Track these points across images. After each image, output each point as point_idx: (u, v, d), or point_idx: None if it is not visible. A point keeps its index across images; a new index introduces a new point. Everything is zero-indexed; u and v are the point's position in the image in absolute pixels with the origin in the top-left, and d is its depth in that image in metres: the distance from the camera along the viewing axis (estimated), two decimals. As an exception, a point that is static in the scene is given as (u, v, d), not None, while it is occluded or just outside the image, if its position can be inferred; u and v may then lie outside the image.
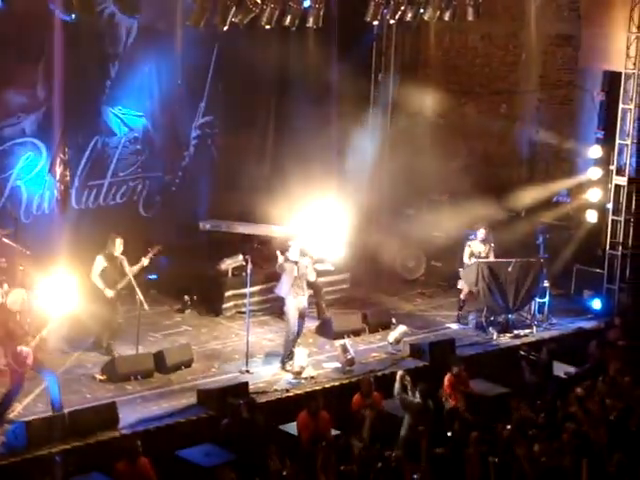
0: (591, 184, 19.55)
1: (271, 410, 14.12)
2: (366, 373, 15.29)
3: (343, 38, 19.63)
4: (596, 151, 19.65)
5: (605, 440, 12.36)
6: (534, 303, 17.91)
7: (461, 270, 17.88)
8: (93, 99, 18.05)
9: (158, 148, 19.08)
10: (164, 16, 17.79)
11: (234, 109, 19.43)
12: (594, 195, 19.46)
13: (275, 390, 14.83)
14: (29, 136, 17.39)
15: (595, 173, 19.49)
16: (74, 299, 13.44)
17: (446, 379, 14.94)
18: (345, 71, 19.80)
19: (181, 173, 19.45)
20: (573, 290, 19.35)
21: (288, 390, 14.87)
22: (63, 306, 13.29)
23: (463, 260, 17.79)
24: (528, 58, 20.99)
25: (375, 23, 19.44)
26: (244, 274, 16.50)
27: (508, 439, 12.24)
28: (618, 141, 18.81)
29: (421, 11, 18.81)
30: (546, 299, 17.98)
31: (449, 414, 14.26)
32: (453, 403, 14.69)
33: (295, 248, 15.70)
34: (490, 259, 17.72)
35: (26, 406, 13.62)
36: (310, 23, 17.61)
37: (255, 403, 13.68)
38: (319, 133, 19.90)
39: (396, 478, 11.45)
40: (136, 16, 17.95)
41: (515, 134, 21.41)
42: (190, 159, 19.56)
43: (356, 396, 14.23)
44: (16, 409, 13.47)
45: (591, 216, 19.48)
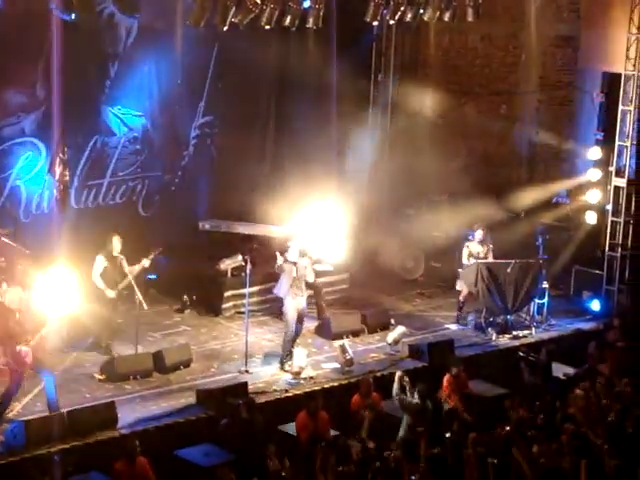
0: (590, 185, 19.53)
1: (270, 410, 14.12)
2: (365, 374, 15.28)
3: (343, 38, 19.59)
4: (595, 152, 19.64)
5: (603, 441, 12.36)
6: (533, 304, 17.90)
7: (460, 271, 17.88)
8: (93, 99, 18.04)
9: (158, 148, 19.07)
10: (164, 16, 17.78)
11: (234, 109, 19.42)
12: (593, 196, 19.44)
13: (274, 390, 14.83)
14: (28, 136, 17.38)
15: (594, 174, 19.48)
16: (74, 299, 13.44)
17: (445, 380, 14.93)
18: (345, 71, 19.78)
19: (180, 173, 19.44)
20: (572, 291, 19.35)
21: (287, 390, 14.87)
22: (63, 306, 13.29)
23: (462, 261, 17.80)
24: (528, 59, 20.98)
25: (375, 23, 19.46)
26: (243, 274, 16.50)
27: (507, 440, 12.23)
28: (617, 142, 18.80)
29: (421, 11, 18.83)
30: (545, 300, 17.98)
31: (448, 415, 14.26)
32: (452, 404, 14.69)
33: (294, 249, 15.69)
34: (489, 260, 17.73)
35: (25, 405, 13.63)
36: (310, 23, 17.64)
37: (254, 403, 13.68)
38: (319, 133, 19.90)
39: (394, 479, 11.45)
40: (136, 16, 17.94)
41: (515, 135, 21.40)
42: (190, 159, 19.55)
43: (355, 396, 14.23)
44: (15, 408, 13.47)
45: (590, 217, 19.46)
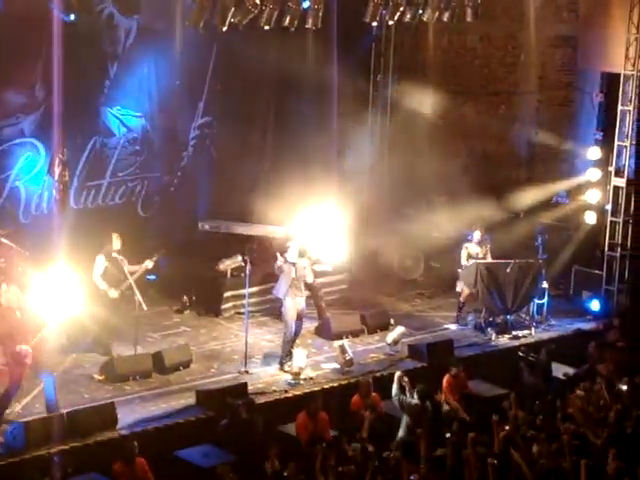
0: (590, 185, 19.52)
1: (270, 411, 14.11)
2: (365, 374, 15.27)
3: (342, 39, 19.59)
4: (595, 152, 19.63)
5: (603, 441, 12.36)
6: (533, 304, 17.91)
7: (460, 271, 17.88)
8: (92, 99, 18.05)
9: (157, 148, 19.08)
10: (163, 17, 17.76)
11: (233, 109, 19.42)
12: (593, 196, 19.44)
13: (274, 391, 14.82)
14: (28, 136, 17.39)
15: (594, 174, 19.47)
16: (76, 300, 13.43)
17: (444, 380, 14.94)
18: (344, 71, 19.78)
19: (180, 173, 19.45)
20: (572, 291, 19.36)
21: (287, 391, 14.87)
22: (63, 306, 13.27)
23: (460, 262, 17.79)
24: (527, 59, 20.96)
25: (374, 24, 19.51)
26: (243, 275, 16.50)
27: (506, 440, 12.22)
28: (617, 142, 18.80)
29: (420, 12, 18.86)
30: (545, 300, 17.99)
31: (447, 415, 14.27)
32: (451, 404, 14.70)
33: (294, 249, 15.69)
34: (488, 260, 17.73)
35: (25, 406, 13.62)
36: (309, 24, 17.66)
37: (254, 404, 13.68)
38: (318, 133, 19.90)
39: (394, 479, 11.44)
40: (135, 16, 17.95)
41: (514, 135, 21.38)
42: (189, 159, 19.56)
43: (355, 397, 14.21)
44: (15, 409, 13.46)
45: (590, 217, 19.45)
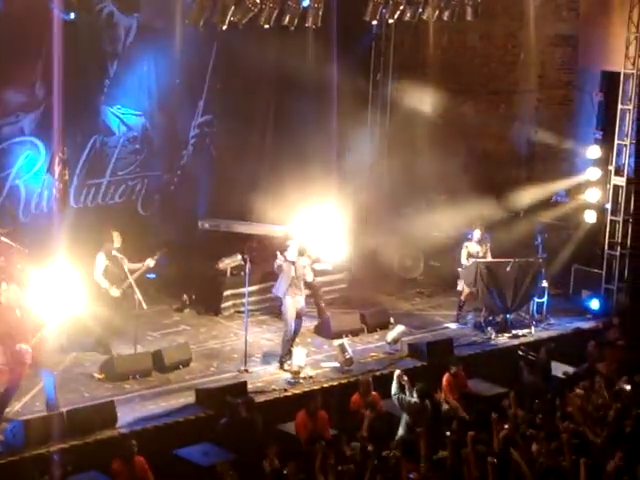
0: (590, 184, 19.52)
1: (269, 410, 14.10)
2: (365, 373, 15.28)
3: (342, 37, 19.59)
4: (595, 151, 19.63)
5: (603, 440, 12.37)
6: (532, 303, 17.92)
7: (460, 270, 17.88)
8: (92, 98, 18.04)
9: (157, 147, 19.07)
10: (163, 15, 17.75)
11: (233, 108, 19.42)
12: (593, 195, 19.44)
13: (273, 390, 14.81)
14: (28, 135, 17.38)
15: (594, 173, 19.47)
16: (77, 299, 13.43)
17: (444, 379, 14.95)
18: (344, 70, 19.78)
19: (180, 172, 19.44)
20: (572, 290, 19.36)
21: (286, 390, 14.86)
22: (64, 305, 13.27)
23: (460, 261, 17.80)
24: (527, 58, 20.95)
25: (374, 23, 19.50)
26: (243, 273, 16.49)
27: (505, 439, 12.23)
28: (617, 141, 18.79)
29: (420, 11, 18.85)
30: (544, 299, 17.99)
31: (447, 414, 14.28)
32: (451, 403, 14.71)
33: (293, 248, 15.69)
34: (487, 259, 17.73)
35: (24, 405, 13.62)
36: (309, 22, 17.66)
37: (253, 402, 13.68)
38: (318, 132, 19.89)
39: (393, 478, 11.44)
40: (135, 15, 17.94)
41: (514, 134, 21.37)
42: (189, 158, 19.56)
43: (355, 396, 14.23)
44: (14, 408, 13.46)
45: (590, 216, 19.45)
